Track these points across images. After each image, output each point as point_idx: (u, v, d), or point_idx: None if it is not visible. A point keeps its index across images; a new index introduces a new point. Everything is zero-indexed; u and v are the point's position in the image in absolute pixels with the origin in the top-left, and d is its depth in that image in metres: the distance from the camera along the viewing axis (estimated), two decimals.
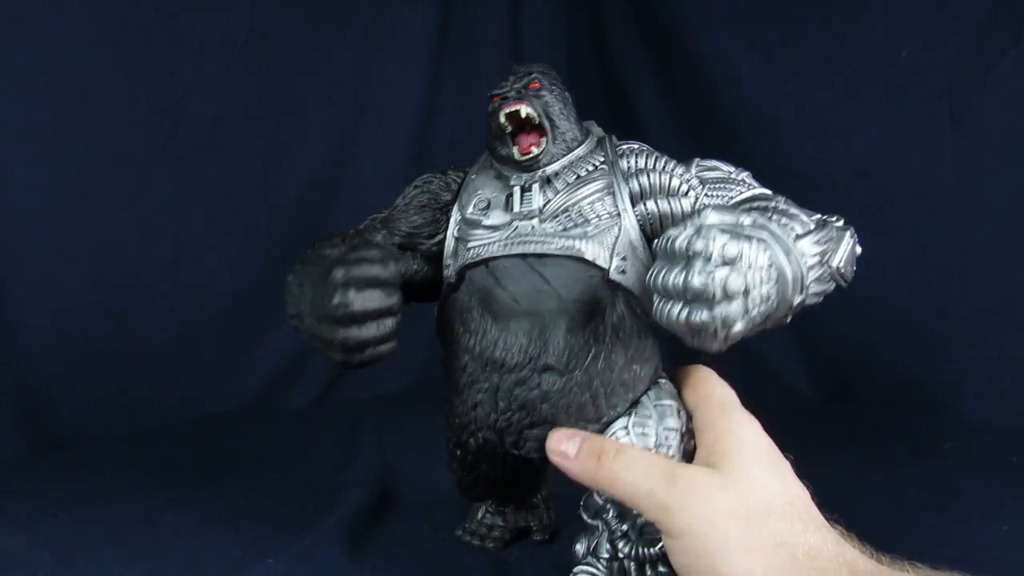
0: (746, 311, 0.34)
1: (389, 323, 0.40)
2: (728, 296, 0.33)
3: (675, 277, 0.35)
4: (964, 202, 0.81)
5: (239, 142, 0.91)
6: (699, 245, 0.34)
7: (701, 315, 0.34)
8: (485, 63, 1.09)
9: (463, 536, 0.53)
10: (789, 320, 0.37)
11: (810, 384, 0.94)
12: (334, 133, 0.99)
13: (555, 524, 0.54)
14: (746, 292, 0.34)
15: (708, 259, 0.34)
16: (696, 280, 0.34)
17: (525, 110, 0.42)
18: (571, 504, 0.53)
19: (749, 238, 0.34)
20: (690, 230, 0.35)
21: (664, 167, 0.43)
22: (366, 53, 0.99)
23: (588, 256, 0.41)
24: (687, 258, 0.34)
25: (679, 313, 0.35)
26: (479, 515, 0.54)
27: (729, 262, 0.34)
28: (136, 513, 0.58)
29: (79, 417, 0.80)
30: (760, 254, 0.34)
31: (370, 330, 0.39)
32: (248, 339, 0.93)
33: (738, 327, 0.34)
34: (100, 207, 0.81)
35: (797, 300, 0.36)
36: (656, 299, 0.37)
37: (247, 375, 0.93)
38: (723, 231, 0.34)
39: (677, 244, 0.35)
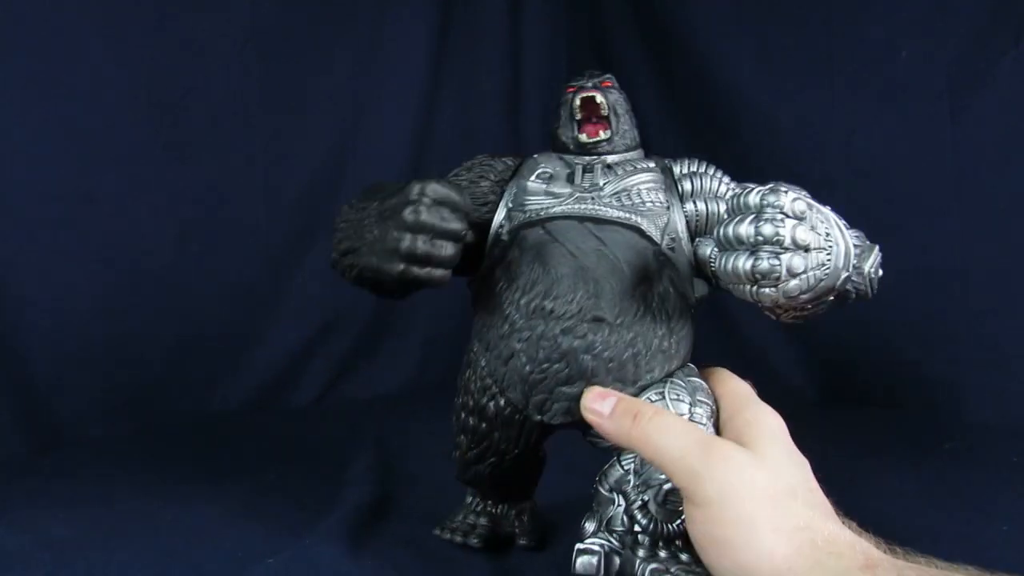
0: (806, 269, 0.37)
1: (451, 248, 0.41)
2: (796, 246, 0.37)
3: (747, 226, 0.37)
4: (964, 202, 0.82)
5: (239, 142, 0.91)
6: (771, 198, 0.37)
7: (769, 261, 0.37)
8: (485, 63, 1.09)
9: (443, 534, 0.52)
10: (831, 299, 0.39)
11: (810, 384, 0.94)
12: (334, 133, 0.98)
13: (540, 532, 0.53)
14: (807, 249, 0.37)
15: (780, 210, 0.37)
16: (767, 227, 0.37)
17: (599, 97, 0.47)
18: (558, 516, 0.53)
19: (811, 206, 0.38)
20: (763, 188, 0.38)
21: (714, 173, 0.47)
22: (366, 53, 0.99)
23: (644, 228, 0.44)
24: (759, 209, 0.37)
25: (745, 261, 0.37)
26: (461, 515, 0.53)
27: (799, 217, 0.37)
28: (136, 513, 0.58)
29: (79, 417, 0.79)
30: (821, 222, 0.38)
31: (436, 247, 0.40)
32: (248, 339, 0.93)
33: (796, 282, 0.37)
34: (100, 207, 0.81)
35: (843, 276, 0.38)
36: (720, 254, 0.39)
37: (247, 375, 0.93)
38: (793, 192, 0.38)
39: (751, 198, 0.38)
